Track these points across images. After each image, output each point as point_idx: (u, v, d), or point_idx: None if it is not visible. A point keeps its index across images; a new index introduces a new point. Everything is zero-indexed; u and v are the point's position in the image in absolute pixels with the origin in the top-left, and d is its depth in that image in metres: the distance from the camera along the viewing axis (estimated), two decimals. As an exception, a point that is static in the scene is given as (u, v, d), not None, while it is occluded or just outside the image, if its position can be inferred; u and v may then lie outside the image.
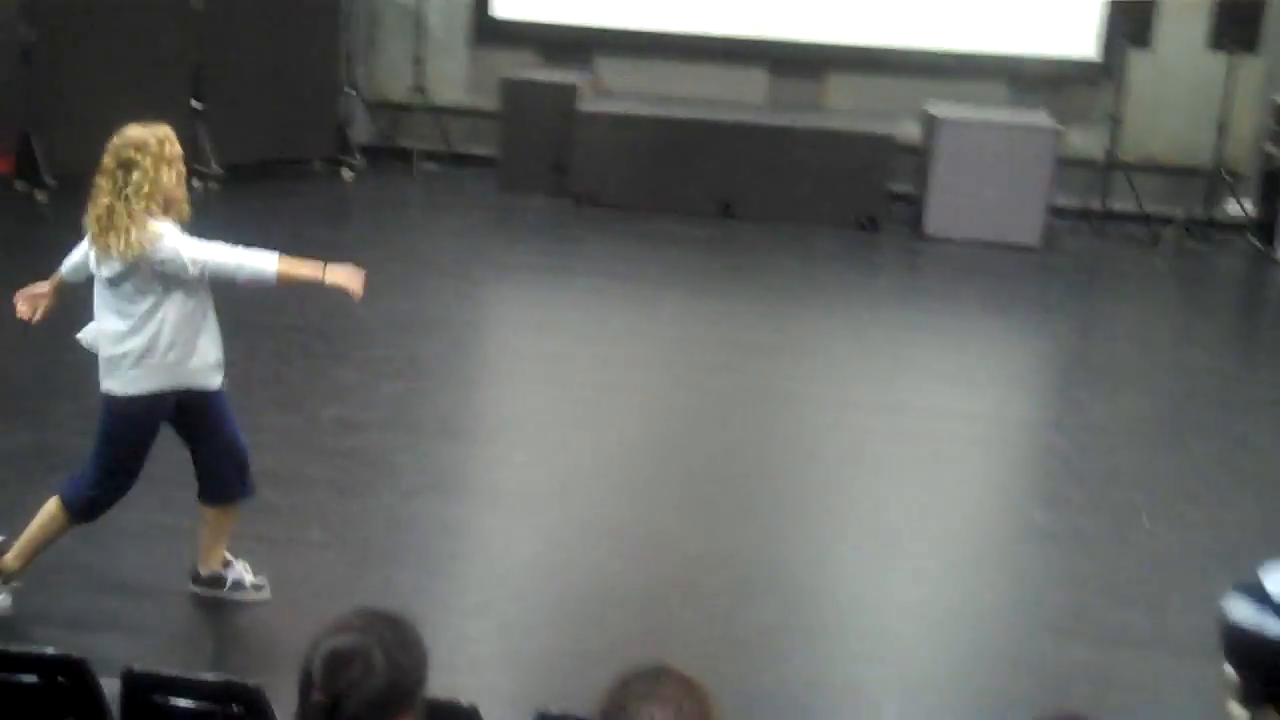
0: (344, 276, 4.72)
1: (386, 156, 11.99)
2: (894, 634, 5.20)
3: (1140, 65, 10.84)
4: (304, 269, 4.70)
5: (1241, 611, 2.45)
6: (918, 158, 10.99)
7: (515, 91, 11.32)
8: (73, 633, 4.58)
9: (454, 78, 12.25)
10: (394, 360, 7.58)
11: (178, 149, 4.62)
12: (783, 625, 5.04)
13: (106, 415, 4.74)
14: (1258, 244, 10.80)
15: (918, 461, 6.68)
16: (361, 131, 12.02)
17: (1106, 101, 11.11)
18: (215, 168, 10.60)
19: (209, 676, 3.39)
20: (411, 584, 5.25)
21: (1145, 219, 10.73)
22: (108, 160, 4.57)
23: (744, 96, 11.74)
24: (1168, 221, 10.67)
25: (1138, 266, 10.39)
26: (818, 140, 10.91)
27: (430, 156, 11.91)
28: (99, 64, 10.24)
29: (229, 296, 4.80)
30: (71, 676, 3.35)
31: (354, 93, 11.94)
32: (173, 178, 4.59)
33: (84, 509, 4.85)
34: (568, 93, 11.21)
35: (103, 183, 4.56)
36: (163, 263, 4.54)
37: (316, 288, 4.73)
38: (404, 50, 12.01)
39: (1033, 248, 10.40)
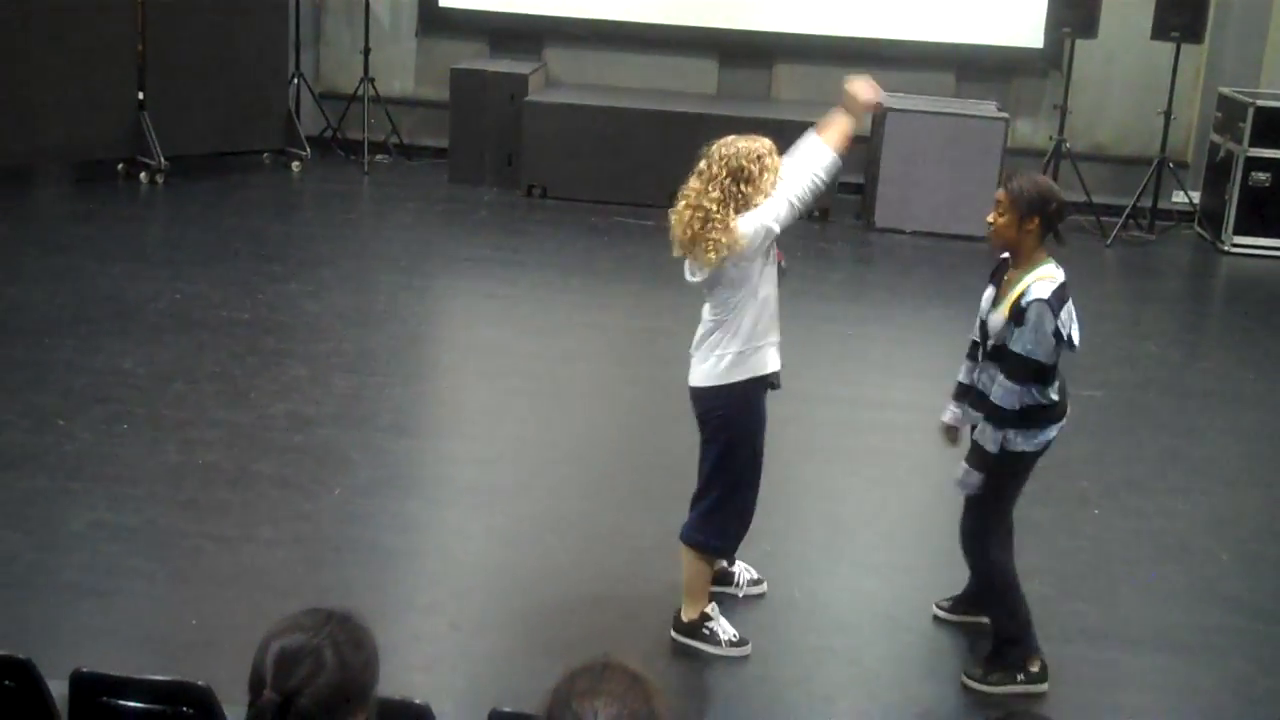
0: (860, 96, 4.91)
1: (335, 148, 11.92)
2: (845, 627, 5.21)
3: (1086, 55, 10.91)
4: (841, 126, 4.89)
5: None
6: (867, 148, 11.02)
7: (465, 82, 11.26)
8: (19, 634, 4.53)
9: (402, 68, 12.19)
10: (344, 355, 7.53)
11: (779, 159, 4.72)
12: (735, 619, 5.03)
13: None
14: (1203, 233, 10.90)
15: (869, 453, 6.70)
16: (309, 123, 11.94)
17: (1053, 91, 11.18)
18: (160, 160, 10.49)
19: (158, 677, 3.34)
20: (363, 581, 5.23)
21: (1092, 208, 10.80)
22: (715, 169, 4.65)
23: (694, 87, 11.73)
24: (1115, 211, 10.74)
25: (1085, 256, 10.45)
26: (768, 130, 10.76)
27: (379, 148, 11.84)
28: (42, 55, 10.10)
29: (171, 292, 4.75)
30: (18, 678, 3.31)
31: (301, 83, 11.86)
32: (774, 186, 4.69)
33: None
34: (518, 83, 11.18)
35: (711, 190, 4.62)
36: (750, 249, 4.62)
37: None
38: (351, 40, 11.93)
39: (982, 238, 10.43)
